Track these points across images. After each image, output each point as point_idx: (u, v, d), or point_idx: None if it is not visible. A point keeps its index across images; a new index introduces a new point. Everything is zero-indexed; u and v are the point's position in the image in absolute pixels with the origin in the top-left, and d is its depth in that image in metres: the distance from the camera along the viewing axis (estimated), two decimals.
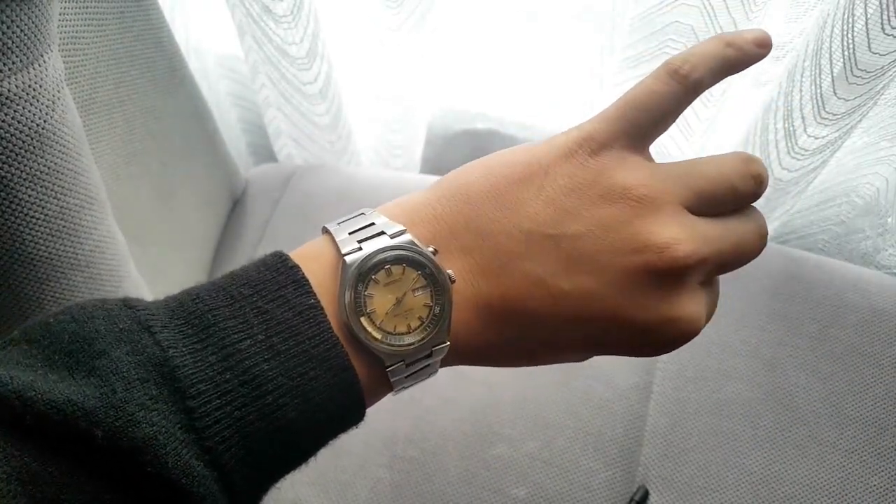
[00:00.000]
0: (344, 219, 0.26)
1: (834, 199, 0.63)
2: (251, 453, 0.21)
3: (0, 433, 0.18)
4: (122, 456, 0.19)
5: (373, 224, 0.25)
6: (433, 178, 0.62)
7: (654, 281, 0.24)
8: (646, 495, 0.45)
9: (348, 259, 0.24)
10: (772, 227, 0.64)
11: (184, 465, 0.20)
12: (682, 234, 0.24)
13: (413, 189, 0.59)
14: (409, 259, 0.24)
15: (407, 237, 0.24)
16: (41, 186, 0.30)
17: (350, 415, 0.24)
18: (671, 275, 0.24)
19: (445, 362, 0.26)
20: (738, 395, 0.48)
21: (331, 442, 0.24)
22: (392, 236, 0.24)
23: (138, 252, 0.43)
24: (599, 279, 0.24)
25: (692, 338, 0.25)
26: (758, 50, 0.25)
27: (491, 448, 0.47)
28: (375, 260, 0.24)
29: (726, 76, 0.26)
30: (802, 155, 0.53)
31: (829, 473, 0.45)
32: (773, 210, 0.60)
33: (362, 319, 0.23)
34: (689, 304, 0.25)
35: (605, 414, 0.48)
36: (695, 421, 0.48)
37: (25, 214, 0.30)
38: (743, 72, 0.52)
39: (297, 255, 0.24)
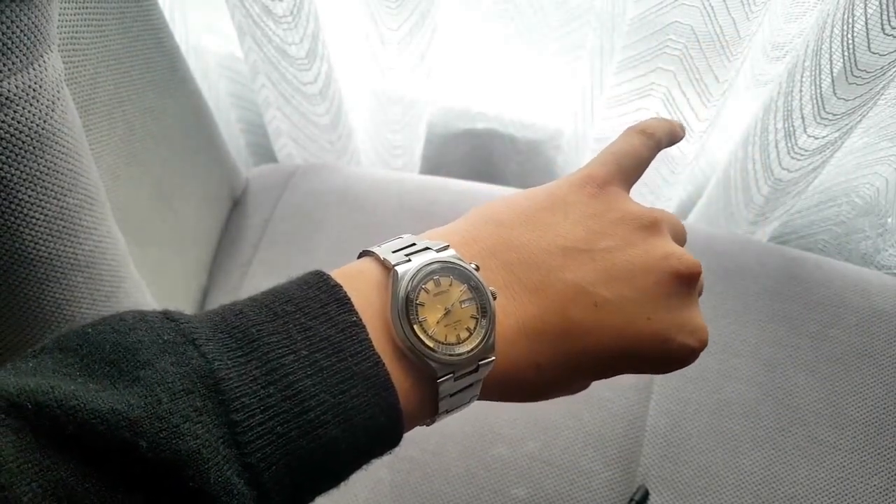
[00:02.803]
0: (383, 242, 0.26)
1: (834, 199, 0.63)
2: (290, 472, 0.21)
3: (38, 444, 0.18)
4: (164, 469, 0.19)
5: (415, 244, 0.26)
6: (433, 178, 0.62)
7: (675, 287, 0.27)
8: (646, 495, 0.45)
9: (399, 269, 0.24)
10: (772, 227, 0.64)
11: (225, 481, 0.19)
12: (682, 251, 0.28)
13: (413, 189, 0.60)
14: (455, 271, 0.25)
15: (452, 252, 0.26)
16: (41, 187, 0.30)
17: (387, 437, 0.24)
18: (688, 281, 0.27)
19: (487, 392, 0.26)
20: (738, 395, 0.48)
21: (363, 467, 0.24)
22: (437, 251, 0.25)
23: (138, 252, 0.43)
24: (634, 286, 0.27)
25: (699, 351, 0.28)
26: (682, 132, 0.33)
27: (491, 448, 0.47)
28: (425, 270, 0.24)
29: (669, 145, 0.32)
30: (802, 155, 0.53)
31: (829, 474, 0.45)
32: (773, 210, 0.60)
33: (415, 327, 0.24)
34: (698, 314, 0.28)
35: (605, 414, 0.48)
36: (695, 421, 0.48)
37: (25, 215, 0.30)
38: (743, 71, 0.54)
39: (337, 275, 0.25)
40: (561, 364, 0.26)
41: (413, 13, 0.55)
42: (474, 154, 0.74)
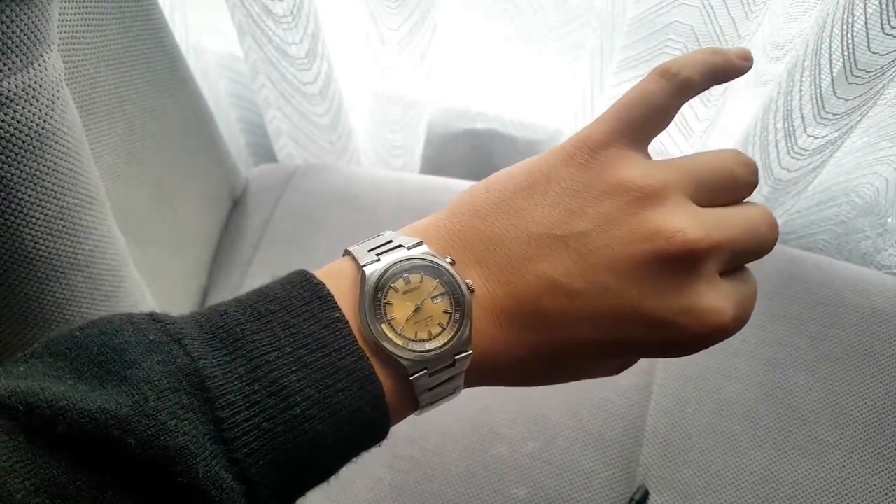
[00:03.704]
0: (364, 240, 0.27)
1: (834, 199, 0.63)
2: (278, 466, 0.21)
3: (29, 444, 0.18)
4: (153, 465, 0.19)
5: (391, 241, 0.26)
6: (433, 178, 0.62)
7: (668, 270, 0.24)
8: (646, 495, 0.45)
9: (367, 270, 0.24)
10: None
11: (213, 476, 0.20)
12: (689, 221, 0.24)
13: (413, 189, 0.60)
14: (426, 268, 0.25)
15: (424, 248, 0.25)
16: (41, 186, 0.30)
17: (374, 430, 0.24)
18: (685, 262, 0.24)
19: (470, 381, 0.26)
20: (738, 395, 0.48)
21: (353, 460, 0.24)
22: (409, 248, 0.25)
23: (138, 252, 0.43)
24: (613, 273, 0.24)
25: (723, 333, 0.25)
26: (741, 62, 0.27)
27: (491, 448, 0.47)
28: (393, 269, 0.24)
29: (715, 83, 0.27)
30: (802, 155, 0.53)
31: (829, 473, 0.45)
32: (773, 210, 0.60)
33: (383, 326, 0.24)
34: (709, 294, 0.24)
35: (605, 414, 0.48)
36: (695, 421, 0.48)
37: (25, 214, 0.30)
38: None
39: (320, 274, 0.25)
40: (545, 354, 0.25)
41: (413, 13, 0.55)
42: (474, 154, 0.74)
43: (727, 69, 0.27)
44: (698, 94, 0.27)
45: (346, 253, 0.26)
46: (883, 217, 0.57)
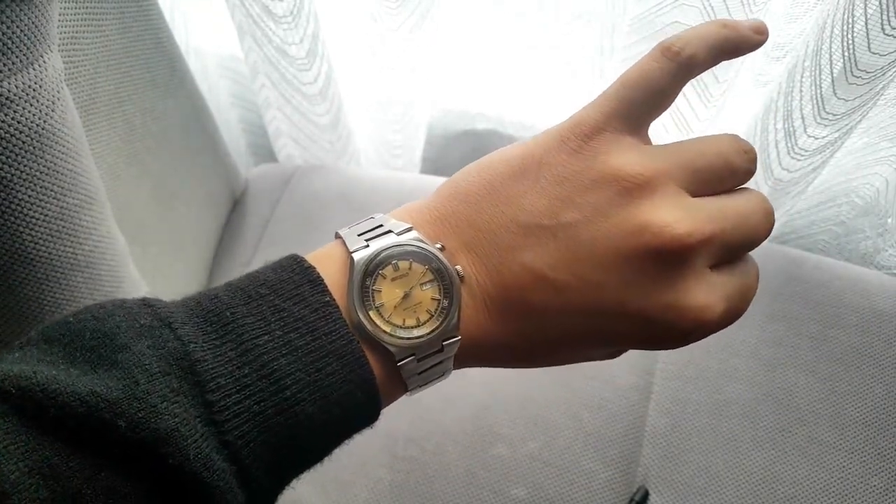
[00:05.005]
0: (354, 224, 0.26)
1: (834, 200, 0.63)
2: (269, 448, 0.21)
3: (23, 427, 0.19)
4: (144, 447, 0.19)
5: (381, 226, 0.26)
6: (433, 178, 0.62)
7: (655, 265, 0.23)
8: (646, 496, 0.45)
9: (356, 256, 0.24)
10: None
11: (204, 457, 0.20)
12: (679, 214, 0.23)
13: (413, 189, 0.60)
14: (415, 254, 0.24)
15: (413, 234, 0.25)
16: (41, 187, 0.30)
17: (365, 412, 0.24)
18: (672, 257, 0.23)
19: (461, 362, 0.26)
20: (739, 395, 0.48)
21: (345, 442, 0.24)
22: (398, 234, 0.25)
23: (138, 252, 0.43)
24: (599, 267, 0.23)
25: (709, 329, 0.24)
26: (754, 35, 0.25)
27: (491, 448, 0.47)
28: (382, 256, 0.24)
29: (724, 58, 0.25)
30: (802, 155, 0.53)
31: (829, 474, 0.45)
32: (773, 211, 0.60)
33: (371, 313, 0.24)
34: (696, 291, 0.23)
35: (605, 414, 0.48)
36: (695, 421, 0.48)
37: (25, 215, 0.30)
38: (743, 72, 0.52)
39: (310, 258, 0.25)
40: (534, 341, 0.25)
41: (413, 13, 0.55)
42: (475, 155, 0.74)
43: (738, 44, 0.25)
44: (705, 70, 0.25)
45: (337, 236, 0.26)
46: (883, 217, 0.57)
